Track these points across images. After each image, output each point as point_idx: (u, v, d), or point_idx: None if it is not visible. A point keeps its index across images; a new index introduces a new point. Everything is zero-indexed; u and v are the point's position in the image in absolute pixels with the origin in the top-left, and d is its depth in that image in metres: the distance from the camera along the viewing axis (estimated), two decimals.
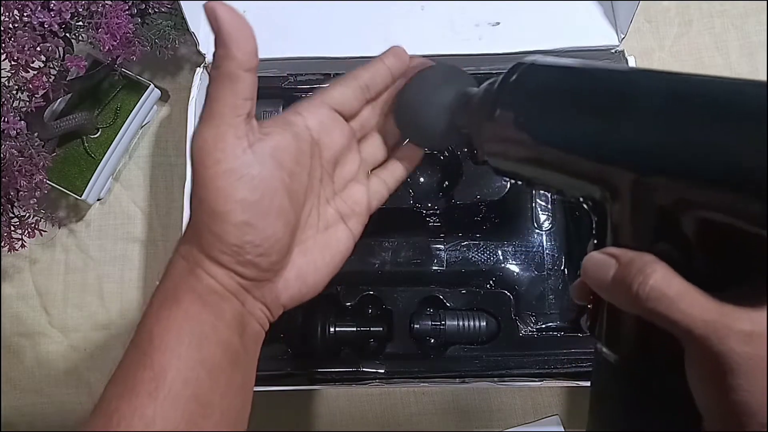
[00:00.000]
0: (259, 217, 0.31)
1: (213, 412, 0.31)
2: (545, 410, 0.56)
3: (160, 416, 0.30)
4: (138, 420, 0.29)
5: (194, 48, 0.53)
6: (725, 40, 0.61)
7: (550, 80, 0.31)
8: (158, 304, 0.32)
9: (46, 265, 0.59)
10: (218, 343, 0.31)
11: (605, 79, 0.29)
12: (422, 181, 0.56)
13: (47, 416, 0.57)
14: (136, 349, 0.31)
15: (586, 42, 0.52)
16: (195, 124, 0.52)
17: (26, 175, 0.49)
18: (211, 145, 0.30)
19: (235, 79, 0.30)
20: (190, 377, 0.30)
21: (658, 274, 0.24)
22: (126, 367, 0.31)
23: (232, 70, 0.30)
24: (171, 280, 0.32)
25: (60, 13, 0.47)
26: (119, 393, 0.30)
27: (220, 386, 0.32)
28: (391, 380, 0.49)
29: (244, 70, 0.30)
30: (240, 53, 0.30)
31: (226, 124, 0.30)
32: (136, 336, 0.32)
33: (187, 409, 0.30)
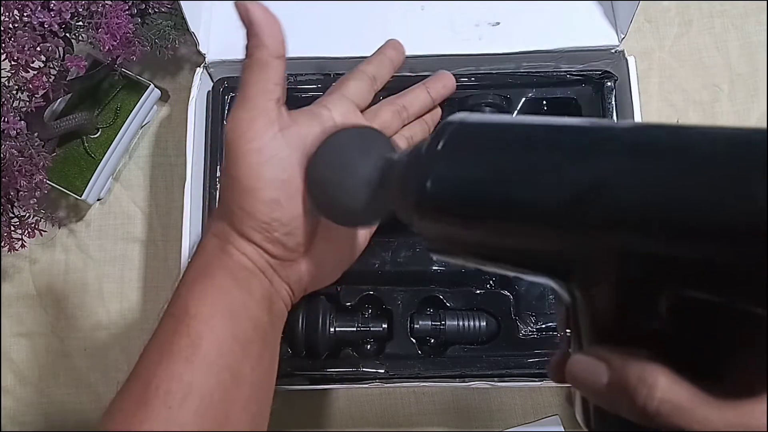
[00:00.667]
0: (287, 196, 0.33)
1: (244, 384, 0.33)
2: (545, 410, 0.56)
3: (196, 382, 0.31)
4: (176, 385, 0.30)
5: (194, 48, 0.53)
6: (725, 40, 0.61)
7: (489, 141, 0.26)
8: (192, 279, 0.33)
9: (46, 265, 0.59)
10: (249, 318, 0.33)
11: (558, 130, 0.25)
12: None
13: (47, 416, 0.57)
14: (172, 318, 0.32)
15: (586, 42, 0.52)
16: (195, 123, 0.52)
17: (26, 175, 0.49)
18: (245, 126, 0.32)
19: (267, 66, 0.33)
20: (224, 348, 0.32)
21: (663, 382, 0.21)
22: (162, 335, 0.32)
23: (264, 57, 0.33)
24: (203, 256, 0.34)
25: (60, 13, 0.47)
26: (156, 360, 0.31)
27: (251, 360, 0.33)
28: (391, 380, 0.49)
29: (274, 57, 0.33)
30: (270, 41, 0.33)
31: (260, 108, 0.32)
32: (170, 308, 0.33)
33: (221, 377, 0.31)
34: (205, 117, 0.54)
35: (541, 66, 0.54)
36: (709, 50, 0.61)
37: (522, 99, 0.54)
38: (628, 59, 0.52)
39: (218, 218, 0.34)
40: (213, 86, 0.55)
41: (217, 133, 0.53)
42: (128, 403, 0.31)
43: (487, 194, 0.25)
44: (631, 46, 0.57)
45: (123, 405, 0.31)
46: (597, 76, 0.53)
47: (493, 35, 0.53)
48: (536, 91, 0.54)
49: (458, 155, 0.26)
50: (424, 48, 0.52)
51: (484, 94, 0.54)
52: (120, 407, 0.31)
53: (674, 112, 0.60)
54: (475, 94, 0.54)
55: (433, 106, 0.44)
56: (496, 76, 0.54)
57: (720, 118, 0.60)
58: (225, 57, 0.53)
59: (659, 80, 0.61)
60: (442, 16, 0.54)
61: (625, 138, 0.22)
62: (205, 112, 0.54)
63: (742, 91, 0.60)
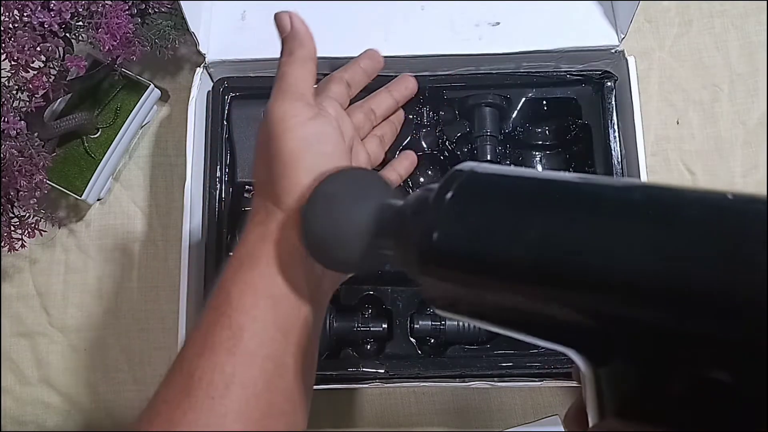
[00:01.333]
0: (330, 167, 0.34)
1: (287, 373, 0.33)
2: (545, 410, 0.56)
3: (239, 373, 0.31)
4: (219, 375, 0.31)
5: (194, 48, 0.53)
6: (725, 40, 0.61)
7: (500, 195, 0.25)
8: (235, 269, 0.34)
9: (46, 265, 0.59)
10: (291, 307, 0.34)
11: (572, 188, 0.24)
12: (422, 181, 0.56)
13: (47, 416, 0.57)
14: (213, 311, 0.33)
15: (586, 42, 0.52)
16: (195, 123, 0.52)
17: (26, 175, 0.49)
18: (288, 106, 0.35)
19: (306, 63, 0.37)
20: (266, 338, 0.32)
21: None
22: (204, 327, 0.33)
23: (305, 55, 0.37)
24: (246, 245, 0.35)
25: (60, 13, 0.47)
26: (198, 352, 0.32)
27: (293, 348, 0.33)
28: (391, 380, 0.49)
29: (311, 59, 0.37)
30: (310, 44, 0.37)
31: (300, 93, 0.36)
32: (212, 300, 0.34)
33: (263, 367, 0.32)
34: (205, 117, 0.54)
35: (541, 66, 0.54)
36: (709, 50, 0.61)
37: (522, 99, 0.54)
38: (628, 59, 0.52)
39: (260, 206, 0.36)
40: (213, 86, 0.55)
41: (217, 133, 0.54)
42: (171, 395, 0.31)
43: (495, 250, 0.23)
44: (631, 46, 0.57)
45: (167, 396, 0.32)
46: (597, 76, 0.53)
47: (493, 35, 0.53)
48: (536, 91, 0.54)
49: (468, 208, 0.25)
50: (424, 48, 0.52)
51: (484, 94, 0.54)
52: (164, 398, 0.32)
53: (674, 112, 0.60)
54: (475, 94, 0.54)
55: (397, 107, 0.47)
56: (496, 76, 0.54)
57: (720, 118, 0.60)
58: (225, 57, 0.53)
59: (659, 80, 0.61)
60: (442, 16, 0.54)
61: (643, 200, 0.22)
62: (205, 112, 0.54)
63: (742, 91, 0.60)
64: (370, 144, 0.44)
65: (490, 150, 0.53)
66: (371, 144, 0.44)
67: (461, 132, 0.55)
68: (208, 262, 0.52)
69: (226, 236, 0.53)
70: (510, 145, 0.56)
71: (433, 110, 0.55)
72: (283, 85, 0.36)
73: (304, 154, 0.34)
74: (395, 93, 0.46)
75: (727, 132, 0.60)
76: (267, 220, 0.35)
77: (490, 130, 0.54)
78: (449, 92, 0.54)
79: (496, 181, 0.26)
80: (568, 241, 0.22)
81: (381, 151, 0.45)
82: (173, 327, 0.55)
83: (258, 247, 0.34)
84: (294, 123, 0.35)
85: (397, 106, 0.47)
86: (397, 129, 0.48)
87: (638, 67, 0.52)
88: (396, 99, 0.46)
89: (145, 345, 0.58)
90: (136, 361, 0.58)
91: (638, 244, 0.20)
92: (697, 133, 0.60)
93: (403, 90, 0.47)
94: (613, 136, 0.52)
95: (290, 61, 0.37)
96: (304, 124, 0.35)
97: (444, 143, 0.55)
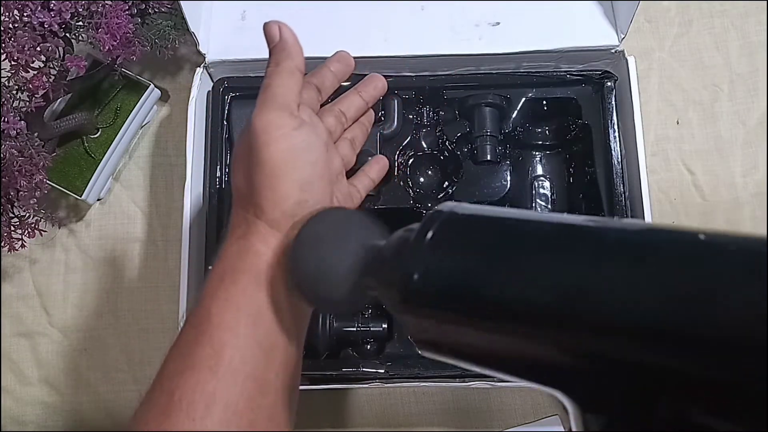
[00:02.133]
0: (316, 177, 0.35)
1: (269, 391, 0.33)
2: (545, 410, 0.56)
3: (220, 391, 0.31)
4: (199, 395, 0.30)
5: (194, 48, 0.53)
6: (725, 40, 0.61)
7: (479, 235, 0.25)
8: (215, 285, 0.33)
9: (46, 265, 0.59)
10: (273, 322, 0.33)
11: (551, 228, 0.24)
12: (422, 181, 0.56)
13: (47, 416, 0.57)
14: (193, 329, 0.32)
15: (586, 42, 0.52)
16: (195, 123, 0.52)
17: (26, 175, 0.49)
18: (274, 117, 0.34)
19: (293, 74, 0.36)
20: (248, 355, 0.32)
21: None
22: (184, 345, 0.32)
23: (292, 66, 0.36)
24: (226, 260, 0.34)
25: (60, 13, 0.47)
26: (179, 370, 0.31)
27: (275, 366, 0.33)
28: (391, 380, 0.49)
29: (299, 70, 0.37)
30: (298, 55, 0.37)
31: (286, 104, 0.35)
32: (192, 316, 0.33)
33: (245, 386, 0.31)
34: (205, 117, 0.54)
35: (541, 66, 0.54)
36: (709, 50, 0.61)
37: (522, 99, 0.54)
38: (628, 59, 0.52)
39: (240, 218, 0.35)
40: (213, 86, 0.55)
41: (217, 133, 0.54)
42: (151, 415, 0.31)
43: (475, 291, 0.24)
44: (631, 46, 0.57)
45: (146, 417, 0.31)
46: (597, 76, 0.53)
47: (493, 35, 0.53)
48: (536, 91, 0.54)
49: (447, 248, 0.26)
50: (424, 48, 0.52)
51: (484, 94, 0.54)
52: (144, 419, 0.31)
53: (674, 112, 0.60)
54: (475, 94, 0.54)
55: (367, 108, 0.45)
56: (496, 76, 0.54)
57: (720, 118, 0.60)
58: (225, 57, 0.54)
59: (659, 80, 0.61)
60: (442, 16, 0.54)
61: (617, 241, 0.22)
62: (205, 112, 0.54)
63: (742, 91, 0.60)
64: (342, 147, 0.43)
65: (490, 150, 0.54)
66: (343, 147, 0.43)
67: (461, 132, 0.55)
68: (208, 262, 0.52)
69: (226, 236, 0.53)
70: (510, 145, 0.56)
71: (433, 110, 0.55)
72: (268, 95, 0.35)
73: (290, 165, 0.34)
74: (364, 94, 0.45)
75: (727, 132, 0.60)
76: (248, 233, 0.34)
77: (490, 130, 0.54)
78: (449, 92, 0.54)
79: (475, 223, 0.26)
80: (547, 283, 0.22)
81: (353, 155, 0.44)
82: (173, 327, 0.55)
83: (239, 262, 0.33)
84: (279, 134, 0.34)
85: (367, 107, 0.46)
86: (368, 130, 0.47)
87: (638, 67, 0.52)
88: (365, 100, 0.45)
89: (145, 345, 0.58)
90: (136, 361, 0.58)
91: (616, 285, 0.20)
92: (697, 133, 0.60)
93: (372, 90, 0.45)
94: (613, 136, 0.52)
95: (276, 72, 0.36)
96: (289, 135, 0.34)
97: (444, 143, 0.55)
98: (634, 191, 0.51)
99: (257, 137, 0.34)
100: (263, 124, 0.34)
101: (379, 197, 0.53)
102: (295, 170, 0.34)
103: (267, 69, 0.37)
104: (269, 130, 0.34)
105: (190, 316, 0.33)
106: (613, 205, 0.51)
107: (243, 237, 0.34)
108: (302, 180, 0.34)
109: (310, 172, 0.35)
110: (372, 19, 0.54)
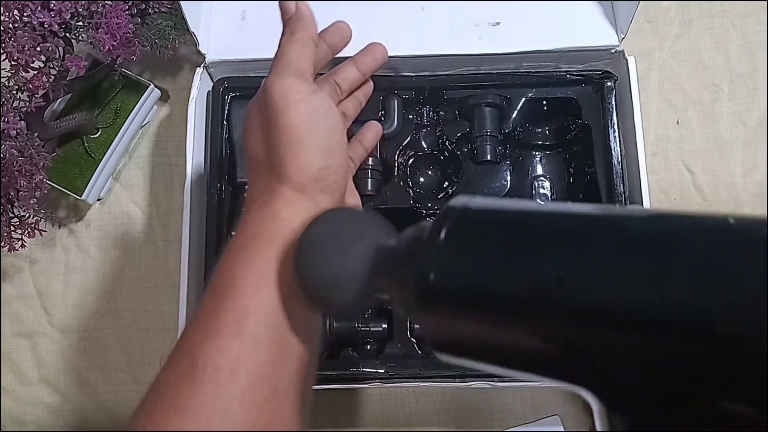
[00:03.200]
0: (336, 143, 0.35)
1: (292, 358, 0.33)
2: (545, 410, 0.56)
3: (244, 357, 0.31)
4: (224, 360, 0.30)
5: (194, 48, 0.53)
6: (725, 40, 0.61)
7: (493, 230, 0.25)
8: (238, 251, 0.33)
9: (46, 265, 0.59)
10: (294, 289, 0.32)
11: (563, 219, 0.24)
12: (422, 181, 0.56)
13: (47, 416, 0.57)
14: (216, 295, 0.32)
15: (586, 42, 0.52)
16: (195, 123, 0.52)
17: (26, 175, 0.49)
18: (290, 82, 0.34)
19: (308, 44, 0.37)
20: (272, 322, 0.32)
21: None
22: (206, 311, 0.32)
23: (306, 37, 0.37)
24: (250, 227, 0.34)
25: (60, 13, 0.47)
26: (202, 336, 0.31)
27: (297, 331, 0.33)
28: (391, 380, 0.49)
29: (312, 40, 0.37)
30: (312, 27, 0.37)
31: (301, 71, 0.35)
32: (214, 283, 0.33)
33: (268, 351, 0.31)
34: (205, 117, 0.54)
35: (541, 66, 0.54)
36: (709, 50, 0.61)
37: (522, 99, 0.54)
38: (628, 59, 0.52)
39: (262, 187, 0.35)
40: (213, 86, 0.55)
41: (217, 133, 0.54)
42: (174, 379, 0.31)
43: (493, 289, 0.23)
44: (631, 46, 0.57)
45: (169, 380, 0.31)
46: (597, 76, 0.53)
47: (493, 35, 0.53)
48: (536, 91, 0.54)
49: (463, 246, 0.25)
50: (424, 48, 0.52)
51: (484, 94, 0.54)
52: (166, 383, 0.31)
53: (674, 112, 0.60)
54: (475, 94, 0.54)
55: (364, 80, 0.44)
56: (496, 76, 0.54)
57: (720, 118, 0.60)
58: (225, 57, 0.53)
59: (659, 80, 0.61)
60: (442, 16, 0.54)
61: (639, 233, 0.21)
62: (205, 112, 0.54)
63: (742, 91, 0.60)
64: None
65: (490, 150, 0.54)
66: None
67: (461, 132, 0.55)
68: (208, 262, 0.52)
69: (226, 236, 0.53)
70: (510, 145, 0.56)
71: (433, 110, 0.55)
72: (284, 62, 0.36)
73: (312, 130, 0.34)
74: (361, 65, 0.43)
75: (727, 132, 0.60)
76: (273, 199, 0.34)
77: (490, 130, 0.54)
78: (449, 92, 0.54)
79: (488, 217, 0.26)
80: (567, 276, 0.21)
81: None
82: (173, 327, 0.55)
83: (263, 230, 0.33)
84: (297, 99, 0.34)
85: (364, 79, 0.43)
86: (362, 104, 0.45)
87: (638, 67, 0.52)
88: (362, 72, 0.43)
89: (145, 345, 0.58)
90: (136, 361, 0.58)
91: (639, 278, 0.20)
92: (697, 133, 0.60)
93: (370, 61, 0.43)
94: (613, 136, 0.52)
95: (291, 40, 0.36)
96: (307, 99, 0.34)
97: (444, 143, 0.55)
98: (634, 191, 0.51)
99: (275, 104, 0.34)
100: (281, 90, 0.34)
101: (379, 197, 0.53)
102: (318, 136, 0.34)
103: (281, 39, 0.37)
104: (287, 96, 0.34)
105: (212, 283, 0.33)
106: (613, 205, 0.51)
107: (267, 204, 0.34)
108: (324, 145, 0.34)
109: (330, 138, 0.35)
110: (372, 19, 0.54)
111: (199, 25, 0.52)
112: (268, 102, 0.34)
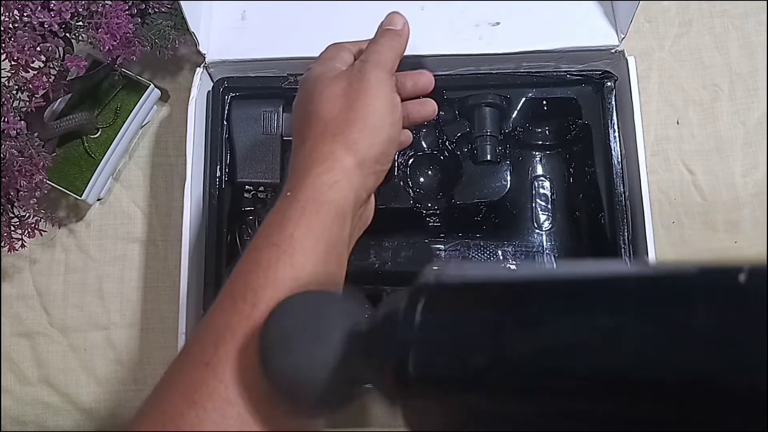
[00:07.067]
0: (396, 136, 0.40)
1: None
2: None
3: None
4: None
5: (194, 48, 0.53)
6: (725, 40, 0.61)
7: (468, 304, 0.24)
8: (297, 212, 0.35)
9: (46, 265, 0.59)
10: (337, 255, 0.36)
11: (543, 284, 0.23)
12: (422, 181, 0.56)
13: (47, 416, 0.57)
14: (275, 248, 0.34)
15: (586, 42, 0.52)
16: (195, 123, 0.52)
17: (26, 175, 0.49)
18: (386, 77, 0.40)
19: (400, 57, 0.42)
20: (320, 282, 0.34)
21: None
22: (265, 262, 0.33)
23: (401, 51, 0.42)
24: (309, 191, 0.36)
25: (60, 13, 0.47)
26: (260, 283, 0.32)
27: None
28: None
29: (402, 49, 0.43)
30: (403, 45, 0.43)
31: (391, 71, 0.41)
32: (270, 236, 0.34)
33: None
34: (205, 117, 0.54)
35: (541, 66, 0.54)
36: (709, 50, 0.61)
37: (522, 99, 0.54)
38: (628, 59, 0.52)
39: (326, 152, 0.37)
40: (213, 86, 0.55)
41: (217, 133, 0.54)
42: (236, 320, 0.31)
43: (476, 368, 0.22)
44: (631, 46, 0.57)
45: (229, 322, 0.31)
46: (597, 76, 0.53)
47: (493, 35, 0.53)
48: (536, 91, 0.54)
49: (438, 323, 0.23)
50: (424, 48, 0.52)
51: (484, 94, 0.54)
52: (224, 322, 0.31)
53: (674, 112, 0.60)
54: (475, 94, 0.54)
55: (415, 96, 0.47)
56: (496, 76, 0.54)
57: (720, 118, 0.60)
58: (225, 57, 0.54)
59: (659, 80, 0.61)
60: (442, 16, 0.54)
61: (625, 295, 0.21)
62: (205, 112, 0.54)
63: (742, 91, 0.60)
64: None
65: (490, 150, 0.54)
66: None
67: (461, 132, 0.55)
68: (208, 262, 0.52)
69: (226, 236, 0.53)
70: (510, 145, 0.56)
71: None
72: (382, 59, 0.41)
73: (387, 119, 0.39)
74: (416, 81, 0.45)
75: (727, 132, 0.60)
76: (334, 167, 0.36)
77: (490, 130, 0.54)
78: (449, 92, 0.54)
79: (461, 289, 0.24)
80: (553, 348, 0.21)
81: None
82: (173, 327, 0.55)
83: (322, 195, 0.36)
84: (386, 92, 0.39)
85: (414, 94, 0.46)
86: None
87: (638, 67, 0.52)
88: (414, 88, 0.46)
89: (145, 345, 0.58)
90: (136, 361, 0.58)
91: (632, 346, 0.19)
92: (697, 133, 0.60)
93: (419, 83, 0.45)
94: (613, 136, 0.52)
95: (392, 47, 0.42)
96: (393, 96, 0.40)
97: (444, 143, 0.55)
98: (634, 191, 0.51)
99: (371, 87, 0.39)
100: (378, 79, 0.39)
101: (379, 197, 0.53)
102: (389, 125, 0.39)
103: (380, 39, 0.42)
104: (381, 86, 0.39)
105: (269, 236, 0.34)
106: (613, 205, 0.51)
107: (329, 170, 0.36)
108: (390, 135, 0.39)
109: (394, 130, 0.40)
110: (372, 19, 0.54)
111: (199, 25, 0.52)
112: (364, 81, 0.39)
